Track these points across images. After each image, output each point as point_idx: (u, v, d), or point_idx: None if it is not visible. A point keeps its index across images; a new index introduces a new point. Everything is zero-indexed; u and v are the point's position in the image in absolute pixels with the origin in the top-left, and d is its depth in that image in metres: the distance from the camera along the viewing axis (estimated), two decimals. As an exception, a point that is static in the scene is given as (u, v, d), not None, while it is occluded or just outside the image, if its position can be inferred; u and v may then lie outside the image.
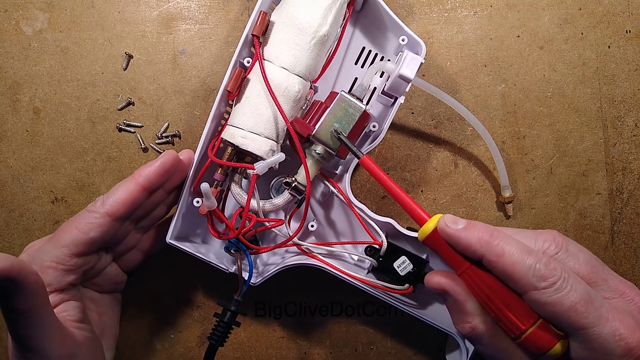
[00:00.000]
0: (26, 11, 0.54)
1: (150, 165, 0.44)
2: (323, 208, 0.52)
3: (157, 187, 0.45)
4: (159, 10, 0.54)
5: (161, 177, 0.44)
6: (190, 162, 0.47)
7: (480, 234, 0.36)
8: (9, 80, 0.54)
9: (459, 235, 0.36)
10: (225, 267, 0.48)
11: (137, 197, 0.43)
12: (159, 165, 0.44)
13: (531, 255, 0.35)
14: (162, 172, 0.44)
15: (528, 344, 0.35)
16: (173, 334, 0.54)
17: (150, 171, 0.43)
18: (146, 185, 0.43)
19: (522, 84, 0.55)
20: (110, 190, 0.43)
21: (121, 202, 0.42)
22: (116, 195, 0.42)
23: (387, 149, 0.55)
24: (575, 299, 0.33)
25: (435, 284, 0.38)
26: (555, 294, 0.33)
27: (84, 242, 0.41)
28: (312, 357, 0.55)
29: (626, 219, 0.55)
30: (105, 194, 0.43)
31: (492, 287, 0.36)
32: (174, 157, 0.45)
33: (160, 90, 0.54)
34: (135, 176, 0.43)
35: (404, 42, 0.48)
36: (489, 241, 0.35)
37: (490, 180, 0.55)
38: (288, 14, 0.44)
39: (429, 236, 0.38)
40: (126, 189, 0.43)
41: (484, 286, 0.36)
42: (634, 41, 0.55)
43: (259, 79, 0.44)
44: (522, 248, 0.35)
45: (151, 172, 0.43)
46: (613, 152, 0.55)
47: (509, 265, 0.34)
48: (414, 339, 0.55)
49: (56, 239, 0.41)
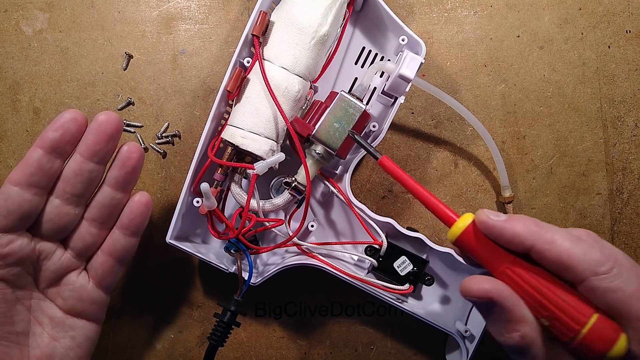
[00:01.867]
0: (26, 11, 0.54)
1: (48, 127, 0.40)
2: (323, 208, 0.52)
3: (59, 146, 0.40)
4: (159, 10, 0.54)
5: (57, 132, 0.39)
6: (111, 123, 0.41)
7: (526, 222, 0.33)
8: (9, 80, 0.54)
9: (503, 226, 0.33)
10: (225, 267, 0.48)
11: (38, 160, 0.39)
12: (52, 126, 0.40)
13: (582, 241, 0.32)
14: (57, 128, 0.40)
15: (588, 343, 0.31)
16: (173, 334, 0.54)
17: (46, 131, 0.40)
18: (40, 145, 0.39)
19: (522, 84, 0.55)
20: None
21: (23, 166, 0.39)
22: (21, 162, 0.40)
23: (387, 149, 0.55)
24: (636, 284, 0.30)
25: (479, 291, 0.33)
26: (615, 279, 0.30)
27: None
28: (312, 357, 0.55)
29: (626, 219, 0.55)
30: None
31: (542, 281, 0.32)
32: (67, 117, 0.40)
33: (160, 90, 0.54)
34: (37, 141, 0.40)
35: (404, 42, 0.48)
36: (537, 230, 0.32)
37: (490, 180, 0.55)
38: (288, 13, 0.44)
39: (461, 235, 0.35)
40: (28, 154, 0.39)
41: (534, 281, 0.32)
42: (634, 41, 0.55)
43: (259, 78, 0.44)
44: (571, 236, 0.32)
45: (46, 133, 0.40)
46: (613, 152, 0.55)
47: (563, 252, 0.31)
48: (414, 339, 0.55)
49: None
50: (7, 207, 0.39)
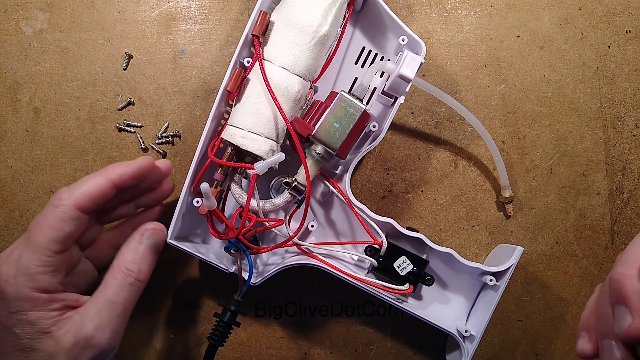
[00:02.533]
0: (26, 11, 0.54)
1: (125, 165, 0.43)
2: (323, 208, 0.52)
3: (127, 188, 0.44)
4: (159, 10, 0.54)
5: (133, 179, 0.43)
6: (168, 173, 0.47)
7: None
8: (9, 80, 0.54)
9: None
10: (225, 267, 0.48)
11: (106, 193, 0.42)
12: (135, 168, 0.43)
13: None
14: (136, 174, 0.43)
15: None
16: (173, 334, 0.54)
17: (125, 171, 0.43)
18: (117, 183, 0.42)
19: (522, 84, 0.55)
20: (77, 182, 0.42)
21: (90, 195, 0.41)
22: (85, 187, 0.41)
23: (387, 149, 0.55)
24: None
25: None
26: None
27: (60, 238, 0.40)
28: (312, 357, 0.55)
29: (626, 219, 0.55)
30: (71, 185, 0.42)
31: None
32: (150, 163, 0.44)
33: (160, 90, 0.54)
34: (107, 171, 0.42)
35: (404, 42, 0.48)
36: None
37: (490, 180, 0.55)
38: (288, 13, 0.44)
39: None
40: (97, 183, 0.42)
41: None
42: (634, 41, 0.55)
43: (259, 78, 0.44)
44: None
45: (126, 172, 0.43)
46: (613, 152, 0.55)
47: None
48: (414, 339, 0.55)
49: (32, 244, 0.40)
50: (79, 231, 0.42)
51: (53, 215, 0.40)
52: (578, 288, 0.55)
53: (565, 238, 0.55)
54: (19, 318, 0.40)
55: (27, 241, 0.40)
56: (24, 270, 0.39)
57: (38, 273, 0.40)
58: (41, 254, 0.40)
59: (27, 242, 0.40)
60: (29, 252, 0.40)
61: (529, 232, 0.55)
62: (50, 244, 0.40)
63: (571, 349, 0.56)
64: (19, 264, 0.40)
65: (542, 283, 0.55)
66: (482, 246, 0.55)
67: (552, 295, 0.55)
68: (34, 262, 0.40)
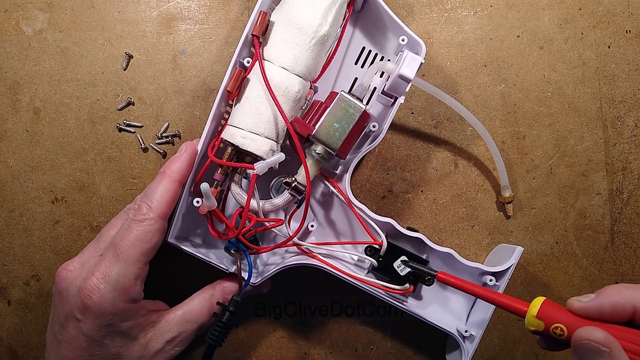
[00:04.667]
0: (26, 11, 0.54)
1: (178, 159, 0.45)
2: (323, 208, 0.52)
3: (187, 179, 0.46)
4: (159, 10, 0.54)
5: (190, 168, 0.45)
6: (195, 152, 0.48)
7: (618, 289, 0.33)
8: (9, 80, 0.54)
9: (600, 302, 0.33)
10: (225, 267, 0.48)
11: (176, 192, 0.44)
12: (186, 157, 0.45)
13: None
14: (191, 164, 0.45)
15: None
16: (173, 334, 0.54)
17: (182, 165, 0.45)
18: (181, 179, 0.45)
19: (522, 84, 0.55)
20: (144, 192, 0.44)
21: (167, 201, 0.43)
22: (158, 195, 0.43)
23: (387, 149, 0.55)
24: None
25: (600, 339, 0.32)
26: None
27: (150, 250, 0.42)
28: (312, 357, 0.55)
29: (626, 219, 0.55)
30: (143, 198, 0.43)
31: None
32: (195, 147, 0.46)
33: (160, 90, 0.54)
34: (168, 173, 0.44)
35: (404, 42, 0.48)
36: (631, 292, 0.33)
37: (490, 180, 0.55)
38: (288, 14, 0.44)
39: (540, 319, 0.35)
40: (166, 188, 0.43)
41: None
42: (634, 41, 0.55)
43: (259, 79, 0.44)
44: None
45: (183, 166, 0.45)
46: (613, 152, 0.55)
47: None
48: (414, 339, 0.55)
49: (124, 258, 0.41)
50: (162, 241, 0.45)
51: (141, 229, 0.42)
52: (578, 288, 0.55)
53: (565, 238, 0.55)
54: (110, 330, 0.41)
55: (115, 256, 0.42)
56: (118, 285, 0.41)
57: (131, 286, 0.41)
58: (134, 267, 0.41)
59: (115, 256, 0.42)
60: (122, 267, 0.41)
61: (529, 232, 0.55)
62: (141, 256, 0.42)
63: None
64: (110, 278, 0.41)
65: (542, 283, 0.55)
66: (482, 246, 0.55)
67: (552, 295, 0.55)
68: (128, 275, 0.41)
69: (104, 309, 0.40)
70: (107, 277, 0.41)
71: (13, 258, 0.54)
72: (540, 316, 0.35)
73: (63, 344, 0.42)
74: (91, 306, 0.40)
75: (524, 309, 0.36)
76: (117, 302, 0.41)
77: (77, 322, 0.41)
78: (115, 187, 0.54)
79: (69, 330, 0.41)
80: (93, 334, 0.41)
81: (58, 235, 0.54)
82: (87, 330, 0.41)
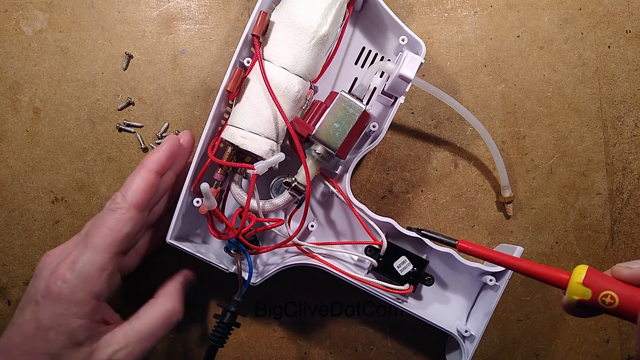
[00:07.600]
0: (26, 11, 0.54)
1: (157, 151, 0.45)
2: (323, 208, 0.52)
3: (167, 170, 0.46)
4: (159, 10, 0.54)
5: (169, 160, 0.45)
6: (192, 142, 0.49)
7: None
8: (9, 80, 0.54)
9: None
10: (225, 267, 0.48)
11: (154, 183, 0.44)
12: (166, 149, 0.45)
13: None
14: (170, 154, 0.45)
15: None
16: (173, 334, 0.54)
17: (160, 156, 0.44)
18: (158, 169, 0.44)
19: (522, 84, 0.55)
20: (124, 185, 0.43)
21: (141, 190, 0.43)
22: (134, 185, 0.43)
23: (387, 149, 0.55)
24: None
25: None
26: None
27: (119, 240, 0.41)
28: (312, 357, 0.55)
29: (626, 219, 0.55)
30: (121, 189, 0.43)
31: None
32: (177, 140, 0.46)
33: (160, 90, 0.54)
34: (145, 163, 0.44)
35: (404, 42, 0.48)
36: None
37: (490, 180, 0.55)
38: (288, 13, 0.44)
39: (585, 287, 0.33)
40: (142, 177, 0.43)
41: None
42: (634, 41, 0.55)
43: (259, 79, 0.44)
44: None
45: (161, 157, 0.44)
46: (613, 152, 0.55)
47: None
48: (414, 339, 0.55)
49: (92, 246, 0.41)
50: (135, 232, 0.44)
51: (112, 218, 0.41)
52: (578, 288, 0.55)
53: (565, 238, 0.55)
54: (60, 322, 0.40)
55: (85, 244, 0.41)
56: (82, 273, 0.40)
57: (95, 277, 0.40)
58: (100, 257, 0.40)
59: (85, 244, 0.41)
60: (89, 254, 0.40)
61: (529, 232, 0.55)
62: (109, 246, 0.41)
63: (571, 349, 0.56)
64: (77, 265, 0.40)
65: (542, 283, 0.55)
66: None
67: (552, 295, 0.55)
68: (94, 264, 0.40)
69: (62, 295, 0.39)
70: (74, 264, 0.40)
71: (13, 258, 0.54)
72: (587, 283, 0.32)
73: (14, 327, 0.41)
74: (53, 290, 0.39)
75: (565, 277, 0.33)
76: (77, 291, 0.40)
77: (36, 305, 0.40)
78: (115, 187, 0.54)
79: (24, 314, 0.40)
80: (44, 322, 0.39)
81: (58, 235, 0.54)
82: (40, 315, 0.39)
